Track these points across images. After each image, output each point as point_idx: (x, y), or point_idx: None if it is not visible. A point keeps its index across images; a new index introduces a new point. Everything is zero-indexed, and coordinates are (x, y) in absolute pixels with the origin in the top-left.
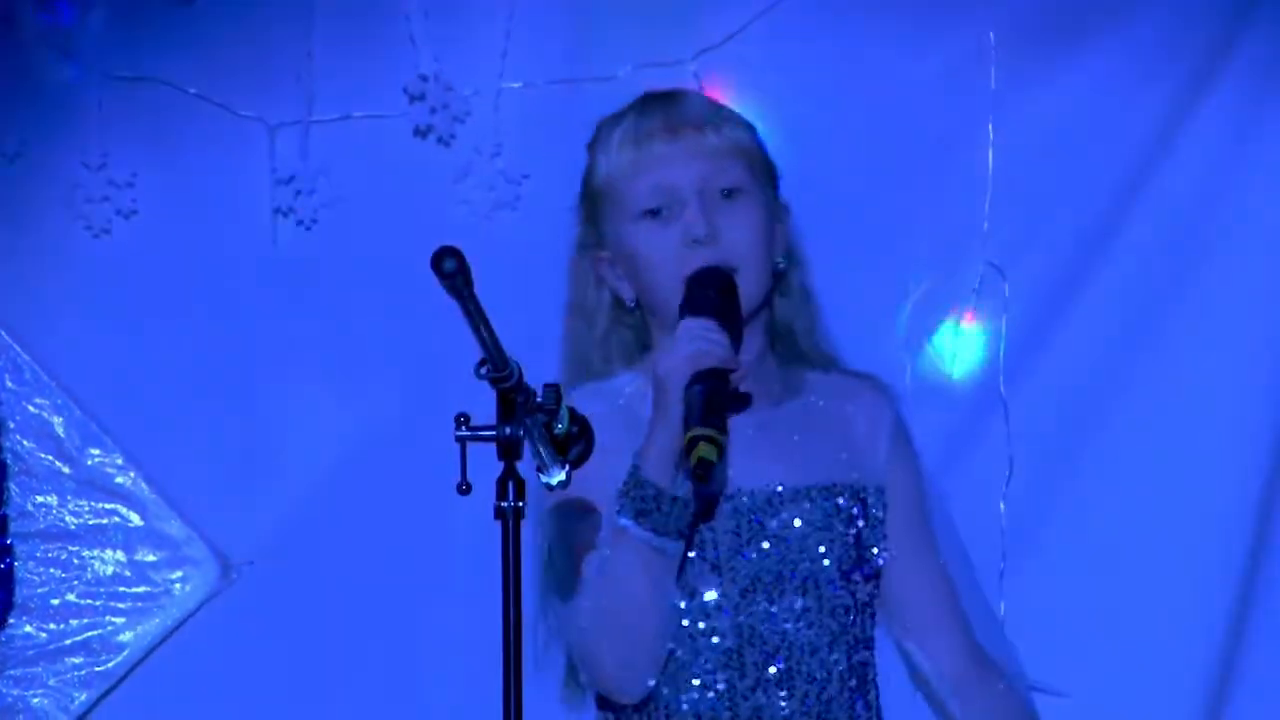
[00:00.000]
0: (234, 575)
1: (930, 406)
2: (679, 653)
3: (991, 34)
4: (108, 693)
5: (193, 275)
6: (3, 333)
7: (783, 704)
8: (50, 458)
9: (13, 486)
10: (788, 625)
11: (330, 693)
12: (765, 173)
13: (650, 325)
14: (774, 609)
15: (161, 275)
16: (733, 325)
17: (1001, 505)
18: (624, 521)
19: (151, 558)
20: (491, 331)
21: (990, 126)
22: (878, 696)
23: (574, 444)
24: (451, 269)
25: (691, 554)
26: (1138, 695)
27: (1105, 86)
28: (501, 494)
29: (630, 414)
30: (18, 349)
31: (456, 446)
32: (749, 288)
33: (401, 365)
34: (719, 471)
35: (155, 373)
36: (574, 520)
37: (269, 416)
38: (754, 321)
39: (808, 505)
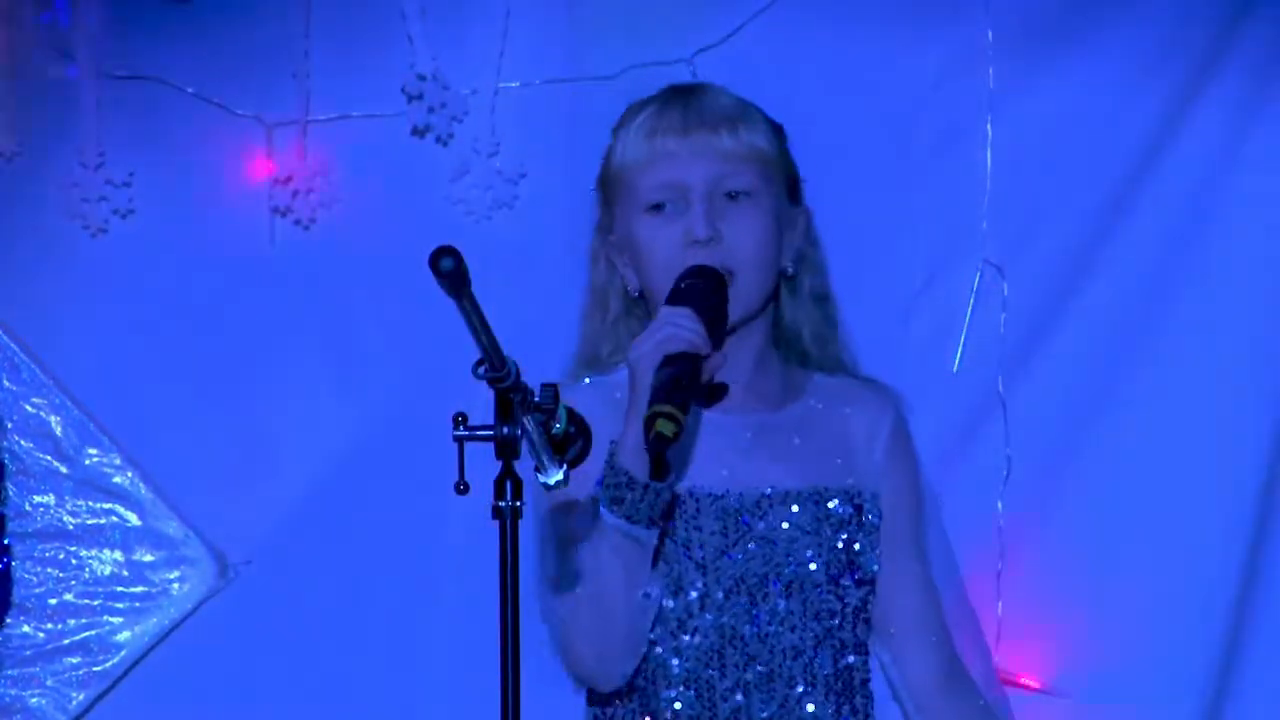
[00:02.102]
0: (232, 575)
1: (929, 406)
2: (660, 650)
3: (990, 33)
4: (105, 693)
5: (190, 275)
6: (0, 333)
7: (761, 706)
8: (48, 457)
9: (10, 486)
10: (770, 628)
11: (328, 692)
12: (780, 177)
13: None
14: (756, 611)
15: (159, 275)
16: (713, 319)
17: (999, 505)
18: (600, 509)
19: (149, 558)
20: (489, 331)
21: (989, 125)
22: (869, 701)
23: (572, 444)
24: (449, 268)
25: (678, 551)
26: (1137, 695)
27: (1103, 85)
28: (499, 493)
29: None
30: (15, 348)
31: (454, 446)
32: (746, 291)
33: (399, 365)
34: (677, 457)
35: (153, 372)
36: (566, 514)
37: (267, 416)
38: (755, 324)
39: (796, 508)
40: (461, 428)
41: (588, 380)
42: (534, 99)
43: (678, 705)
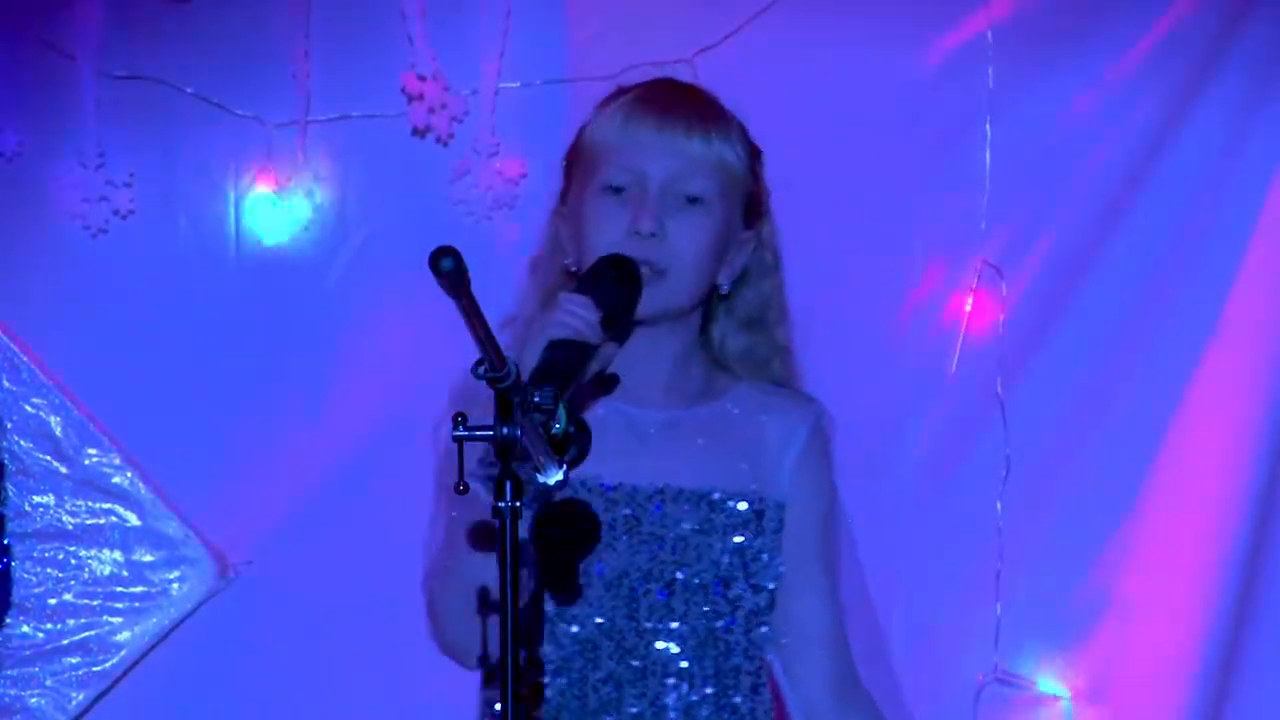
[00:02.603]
0: (231, 575)
1: (928, 406)
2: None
3: (989, 34)
4: (105, 693)
5: (190, 275)
6: (0, 333)
7: (632, 700)
8: (47, 458)
9: (10, 486)
10: (649, 624)
11: (328, 692)
12: (740, 195)
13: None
14: (638, 606)
15: (159, 275)
16: (613, 311)
17: (998, 505)
18: (471, 483)
19: (149, 558)
20: (489, 331)
21: (988, 126)
22: (760, 705)
23: (571, 443)
24: (449, 268)
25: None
26: (1136, 695)
27: (1102, 86)
28: (499, 493)
29: None
30: (15, 349)
31: (454, 446)
32: (672, 292)
33: (399, 365)
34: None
35: (152, 372)
36: (449, 490)
37: (266, 416)
38: (681, 325)
39: (689, 508)
40: (461, 428)
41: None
42: (534, 99)
43: (550, 692)
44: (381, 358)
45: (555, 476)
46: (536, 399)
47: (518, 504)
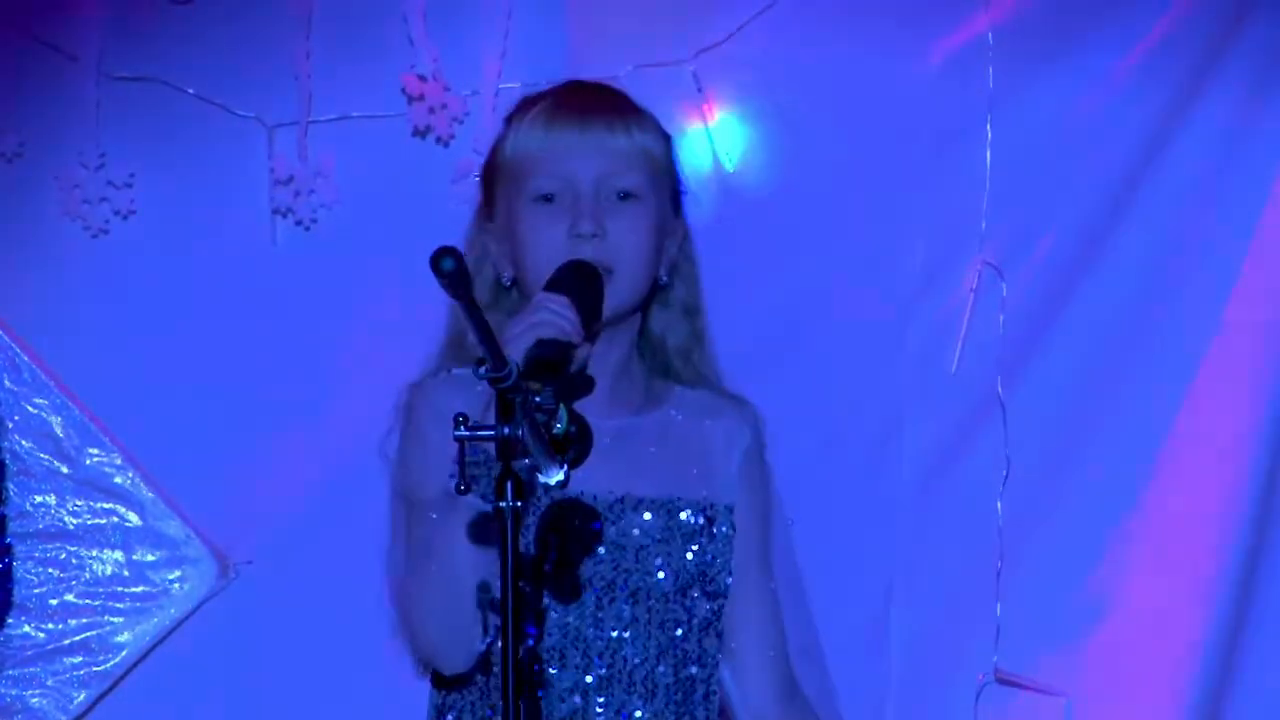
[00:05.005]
0: (232, 575)
1: (928, 406)
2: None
3: (990, 34)
4: (106, 693)
5: (191, 275)
6: (1, 333)
7: (599, 709)
8: (49, 458)
9: (11, 486)
10: (613, 633)
11: (329, 692)
12: (667, 186)
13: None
14: (601, 614)
15: (160, 275)
16: (587, 311)
17: (999, 505)
18: (456, 484)
19: (150, 558)
20: (490, 331)
21: (988, 126)
22: (712, 713)
23: (572, 444)
24: (450, 269)
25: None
26: (1136, 695)
27: (1103, 86)
28: (499, 493)
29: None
30: (16, 349)
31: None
32: (621, 290)
33: (400, 365)
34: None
35: (153, 373)
36: (422, 494)
37: (267, 416)
38: (623, 327)
39: (649, 516)
40: (462, 428)
41: (449, 372)
42: None
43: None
44: (381, 357)
45: (556, 477)
46: (538, 399)
47: (519, 504)
